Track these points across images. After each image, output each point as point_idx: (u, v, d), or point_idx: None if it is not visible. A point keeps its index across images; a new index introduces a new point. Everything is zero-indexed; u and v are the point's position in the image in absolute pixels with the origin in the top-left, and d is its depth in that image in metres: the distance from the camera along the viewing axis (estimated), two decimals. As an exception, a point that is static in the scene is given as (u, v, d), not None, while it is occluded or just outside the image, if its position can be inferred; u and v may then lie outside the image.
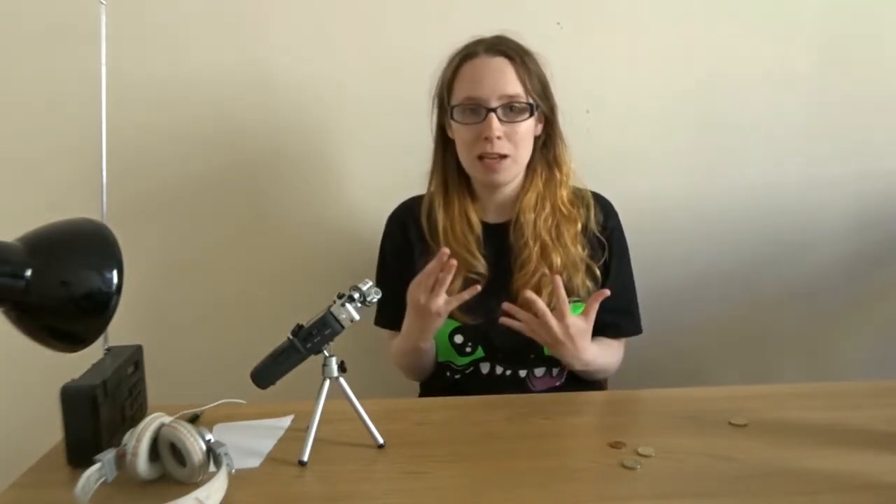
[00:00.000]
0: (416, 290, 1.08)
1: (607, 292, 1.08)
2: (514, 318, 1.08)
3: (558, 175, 1.21)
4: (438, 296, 1.05)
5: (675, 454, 0.85)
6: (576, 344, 1.08)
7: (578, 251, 1.18)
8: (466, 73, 1.16)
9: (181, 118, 1.45)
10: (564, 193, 1.21)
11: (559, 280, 1.06)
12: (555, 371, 1.22)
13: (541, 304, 1.05)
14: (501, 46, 1.16)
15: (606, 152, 1.46)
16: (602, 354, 1.16)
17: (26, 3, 1.39)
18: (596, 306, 1.08)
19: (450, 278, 1.05)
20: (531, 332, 1.08)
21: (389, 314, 1.26)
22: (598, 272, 1.20)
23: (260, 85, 1.45)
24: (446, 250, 1.03)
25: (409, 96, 1.39)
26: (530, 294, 1.06)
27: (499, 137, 1.12)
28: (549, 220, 1.19)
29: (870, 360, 1.60)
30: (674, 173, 1.53)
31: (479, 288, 1.06)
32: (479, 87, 1.13)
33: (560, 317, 1.06)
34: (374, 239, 1.31)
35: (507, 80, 1.14)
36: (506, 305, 1.08)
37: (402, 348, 1.20)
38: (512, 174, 1.19)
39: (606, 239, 1.22)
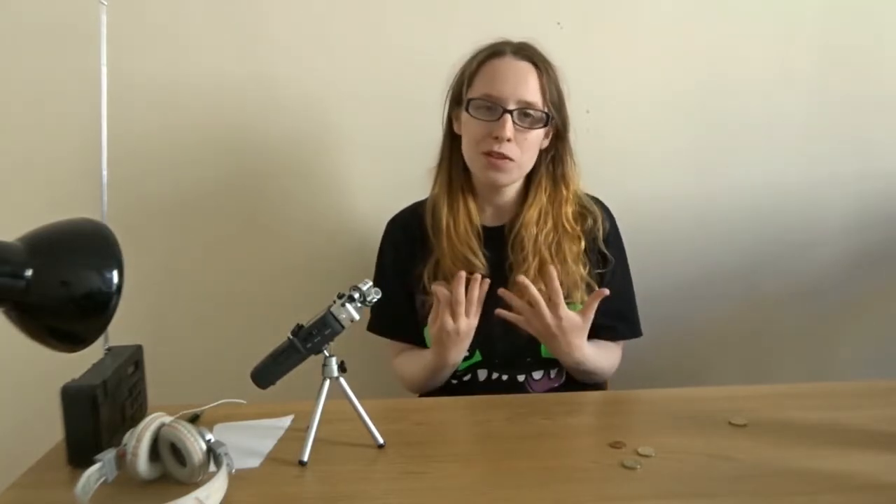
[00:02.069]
0: (449, 322, 1.06)
1: (606, 292, 1.07)
2: (509, 311, 1.09)
3: (564, 192, 1.21)
4: (472, 314, 1.06)
5: (675, 454, 0.85)
6: (568, 339, 1.08)
7: (579, 269, 1.18)
8: (490, 70, 1.16)
9: (181, 118, 1.45)
10: (570, 211, 1.21)
11: (553, 272, 1.06)
12: (553, 373, 1.22)
13: (534, 290, 1.05)
14: (529, 52, 1.16)
15: (606, 152, 1.47)
16: (598, 356, 1.16)
17: (26, 3, 1.39)
18: (594, 306, 1.08)
19: (483, 295, 1.05)
20: (525, 322, 1.08)
21: (385, 321, 1.26)
22: (597, 288, 1.19)
23: (260, 85, 1.44)
24: (463, 273, 1.04)
25: (410, 97, 1.39)
26: (523, 279, 1.06)
27: (509, 140, 1.12)
28: (551, 236, 1.19)
29: (870, 360, 1.60)
30: (674, 173, 1.53)
31: (488, 281, 1.06)
32: (501, 87, 1.13)
33: (554, 309, 1.06)
34: (374, 239, 1.31)
35: (528, 87, 1.14)
36: (501, 291, 1.08)
37: (426, 375, 1.17)
38: (513, 178, 1.18)
39: (606, 246, 1.22)
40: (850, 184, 1.55)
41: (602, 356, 1.18)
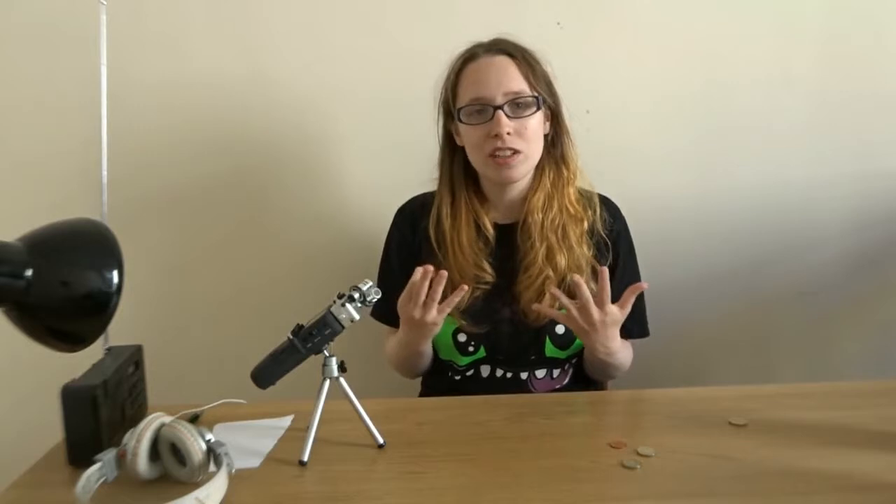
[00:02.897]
0: (407, 307, 1.06)
1: (645, 285, 1.07)
2: (543, 305, 1.08)
3: (566, 173, 1.20)
4: (431, 308, 1.05)
5: (675, 454, 0.85)
6: (608, 332, 1.08)
7: (584, 251, 1.18)
8: (469, 75, 1.16)
9: (181, 118, 1.45)
10: (572, 191, 1.20)
11: (606, 272, 1.05)
12: (555, 372, 1.22)
13: (586, 290, 1.04)
14: (501, 45, 1.16)
15: (607, 152, 1.46)
16: (622, 349, 1.16)
17: (26, 3, 1.39)
18: (632, 300, 1.07)
19: (440, 290, 1.04)
20: (567, 318, 1.07)
21: (387, 309, 1.25)
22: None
23: (260, 85, 1.45)
24: (429, 268, 1.02)
25: (409, 96, 1.39)
26: (578, 278, 1.05)
27: (508, 133, 1.11)
28: (557, 220, 1.18)
29: (870, 360, 1.60)
30: (674, 173, 1.53)
31: (465, 288, 1.05)
32: (484, 87, 1.13)
33: (601, 305, 1.05)
34: (374, 239, 1.31)
35: (510, 77, 1.13)
36: (553, 290, 1.07)
37: (399, 352, 1.20)
38: (524, 170, 1.17)
39: (612, 241, 1.22)
40: (850, 184, 1.54)
41: (624, 350, 1.18)
